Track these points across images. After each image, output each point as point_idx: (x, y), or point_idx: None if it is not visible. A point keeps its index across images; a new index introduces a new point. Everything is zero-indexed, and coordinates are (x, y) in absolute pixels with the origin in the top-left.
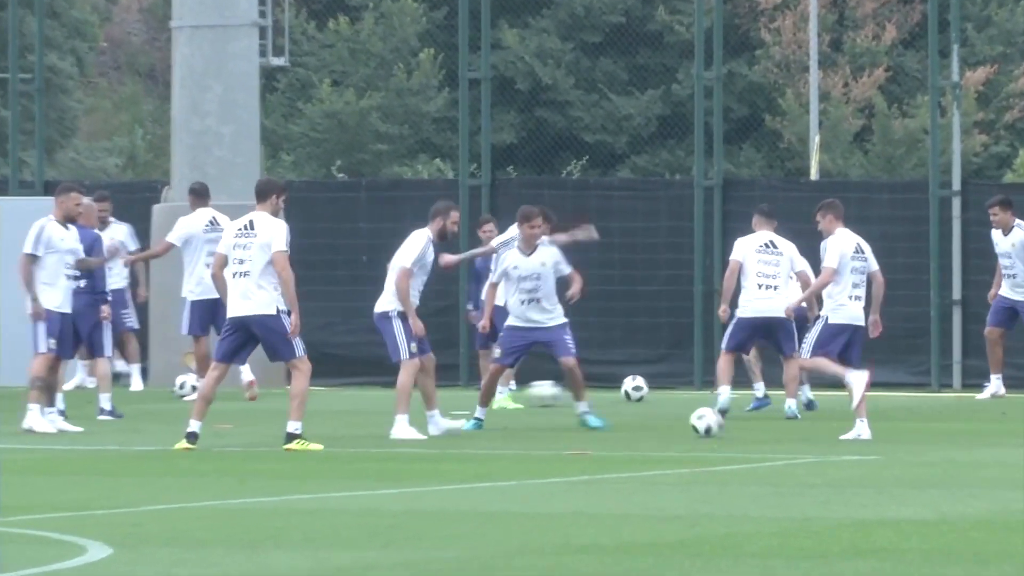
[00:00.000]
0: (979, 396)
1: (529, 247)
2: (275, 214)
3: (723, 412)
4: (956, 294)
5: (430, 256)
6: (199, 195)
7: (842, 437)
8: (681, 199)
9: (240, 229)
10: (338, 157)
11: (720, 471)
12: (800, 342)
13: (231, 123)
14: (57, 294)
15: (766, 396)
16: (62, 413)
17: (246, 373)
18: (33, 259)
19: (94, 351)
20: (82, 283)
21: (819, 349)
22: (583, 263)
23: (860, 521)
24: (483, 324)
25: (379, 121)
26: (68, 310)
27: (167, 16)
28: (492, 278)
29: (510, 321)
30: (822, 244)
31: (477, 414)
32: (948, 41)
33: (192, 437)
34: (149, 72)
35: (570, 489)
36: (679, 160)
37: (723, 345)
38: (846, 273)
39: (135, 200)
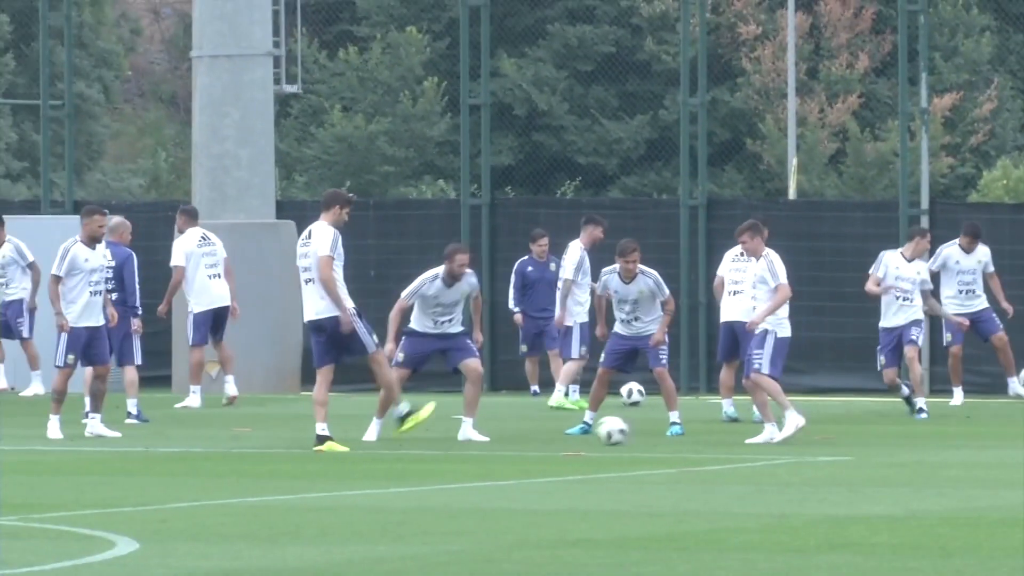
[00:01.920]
0: (951, 403)
1: (628, 277)
2: (337, 225)
3: (734, 420)
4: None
5: (430, 291)
6: (190, 216)
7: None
8: (668, 217)
9: (302, 240)
10: (348, 178)
11: (705, 471)
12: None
13: (248, 146)
14: (78, 311)
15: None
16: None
17: (230, 387)
18: (57, 280)
19: (123, 359)
20: (114, 296)
21: (774, 368)
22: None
23: (834, 517)
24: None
25: (386, 144)
26: (95, 323)
27: (188, 47)
28: (599, 291)
29: (616, 328)
30: (762, 264)
31: (586, 418)
32: (917, 69)
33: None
34: (171, 99)
35: (565, 488)
36: (666, 181)
37: (719, 357)
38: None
39: (158, 219)
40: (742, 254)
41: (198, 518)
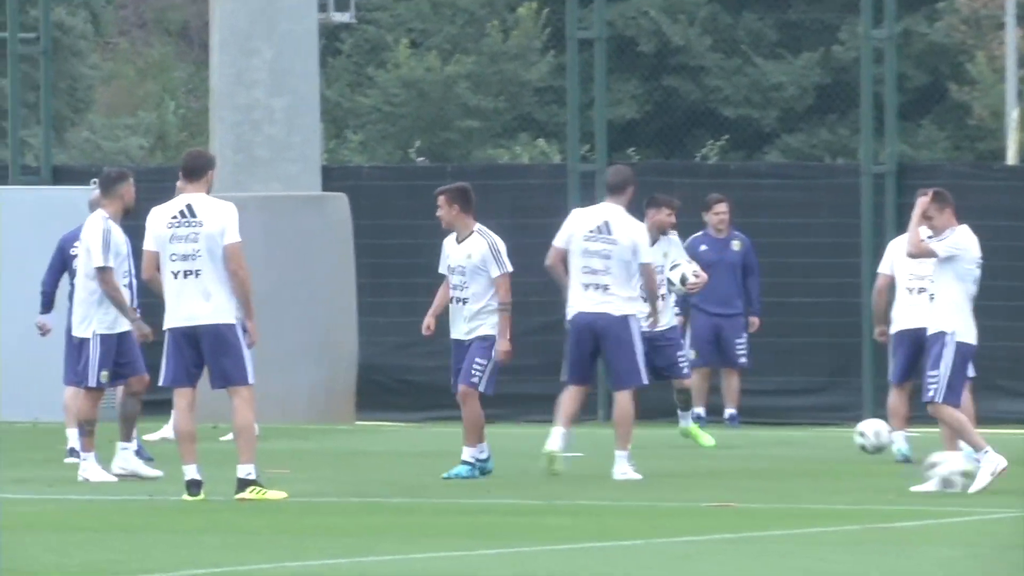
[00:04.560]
0: None
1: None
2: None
3: (906, 460)
4: None
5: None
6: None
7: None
8: (845, 189)
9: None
10: (417, 137)
11: (899, 528)
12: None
13: (284, 95)
14: (116, 312)
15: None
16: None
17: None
18: (109, 274)
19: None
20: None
21: (953, 393)
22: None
23: None
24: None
25: (468, 92)
26: (126, 327)
27: None
28: None
29: None
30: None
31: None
32: None
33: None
34: (182, 31)
35: (711, 550)
36: (842, 140)
37: (890, 377)
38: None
39: (165, 189)
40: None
41: None
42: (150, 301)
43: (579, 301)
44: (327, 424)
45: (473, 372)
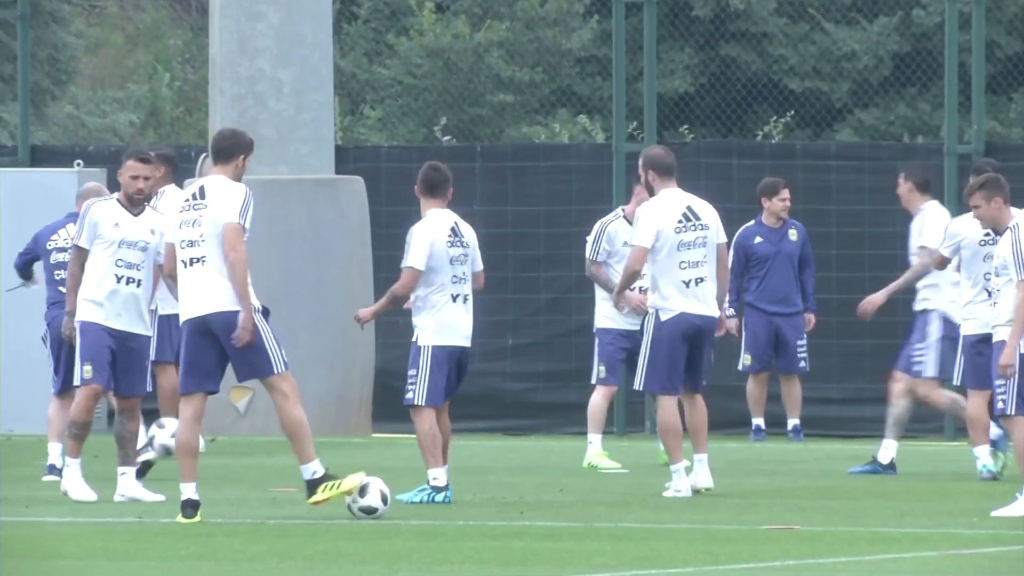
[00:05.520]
0: None
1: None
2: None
3: (993, 477)
4: None
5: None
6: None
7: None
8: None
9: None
10: (444, 113)
11: (983, 554)
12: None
13: (293, 65)
14: (99, 300)
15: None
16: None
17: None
18: (80, 253)
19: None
20: None
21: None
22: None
23: None
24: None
25: (501, 62)
26: (128, 327)
27: None
28: None
29: None
30: (1006, 243)
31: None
32: None
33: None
34: None
35: None
36: (922, 117)
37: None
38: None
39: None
40: (988, 233)
41: None
42: None
43: (679, 301)
44: (341, 437)
45: (407, 387)
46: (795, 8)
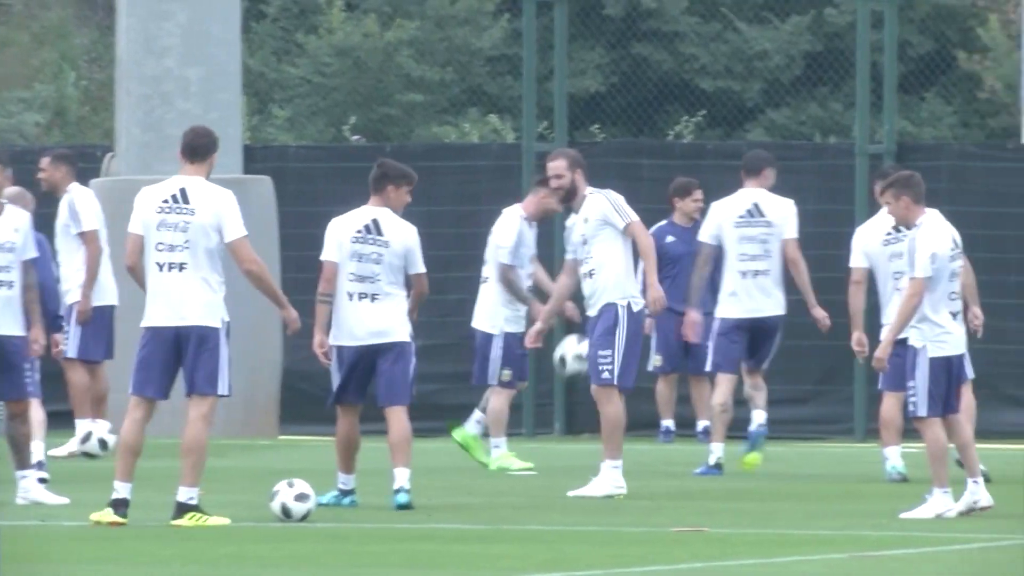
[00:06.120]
0: None
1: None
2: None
3: (903, 479)
4: None
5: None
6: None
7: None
8: (837, 171)
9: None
10: (353, 112)
11: (890, 556)
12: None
13: (200, 64)
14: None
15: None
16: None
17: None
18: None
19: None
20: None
21: (934, 405)
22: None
23: None
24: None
25: (411, 61)
26: None
27: None
28: None
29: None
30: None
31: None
32: None
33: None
34: None
35: None
36: (834, 117)
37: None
38: (943, 281)
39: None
40: (897, 228)
41: None
42: None
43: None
44: (247, 439)
45: None
46: (707, 7)
